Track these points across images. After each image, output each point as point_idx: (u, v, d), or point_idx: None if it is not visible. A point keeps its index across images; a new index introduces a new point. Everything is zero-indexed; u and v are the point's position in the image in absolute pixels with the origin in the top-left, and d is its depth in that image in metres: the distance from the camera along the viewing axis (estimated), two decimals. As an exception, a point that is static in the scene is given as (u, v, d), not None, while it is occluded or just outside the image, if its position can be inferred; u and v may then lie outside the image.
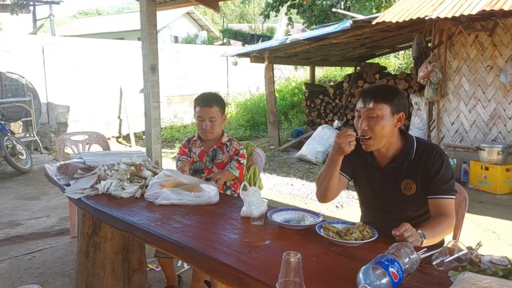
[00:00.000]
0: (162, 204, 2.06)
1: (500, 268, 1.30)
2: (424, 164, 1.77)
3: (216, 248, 1.54)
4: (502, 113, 5.52)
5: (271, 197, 5.07)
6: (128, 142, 9.53)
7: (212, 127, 2.56)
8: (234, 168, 2.58)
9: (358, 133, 1.80)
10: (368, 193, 1.96)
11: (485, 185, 5.27)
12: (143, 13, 4.20)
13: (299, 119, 10.15)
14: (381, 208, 1.91)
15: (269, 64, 8.18)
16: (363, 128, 1.76)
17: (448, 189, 1.75)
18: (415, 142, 1.82)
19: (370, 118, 1.75)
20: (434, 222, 1.69)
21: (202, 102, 2.57)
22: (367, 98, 1.75)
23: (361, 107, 1.77)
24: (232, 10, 33.95)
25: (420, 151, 1.80)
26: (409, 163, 1.80)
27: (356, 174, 1.99)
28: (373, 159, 1.89)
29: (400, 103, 1.76)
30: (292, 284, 1.14)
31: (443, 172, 1.75)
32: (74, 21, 30.46)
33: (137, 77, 7.96)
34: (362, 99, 1.78)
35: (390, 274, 1.17)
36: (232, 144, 2.68)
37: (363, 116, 1.77)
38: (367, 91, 1.79)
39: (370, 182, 1.91)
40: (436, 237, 1.63)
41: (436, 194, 1.75)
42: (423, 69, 5.77)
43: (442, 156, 1.77)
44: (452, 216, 1.74)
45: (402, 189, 1.82)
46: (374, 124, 1.74)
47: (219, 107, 2.59)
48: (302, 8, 13.16)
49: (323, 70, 14.02)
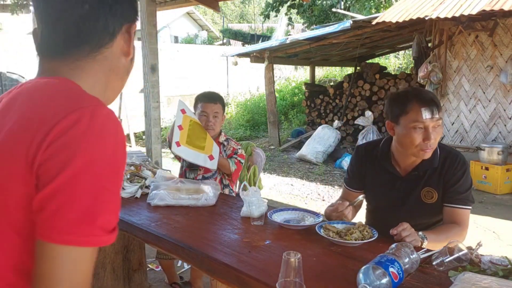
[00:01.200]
0: (159, 205, 2.05)
1: (500, 268, 1.30)
2: (446, 172, 1.70)
3: (216, 248, 1.54)
4: (502, 113, 5.51)
5: (271, 197, 5.07)
6: (128, 142, 9.53)
7: (215, 123, 2.59)
8: (232, 162, 2.58)
9: (415, 147, 1.64)
10: (381, 199, 1.87)
11: (485, 185, 5.27)
12: (143, 13, 4.20)
13: (299, 119, 10.15)
14: (394, 215, 1.75)
15: (269, 64, 8.18)
16: (432, 141, 1.61)
17: (465, 199, 1.70)
18: (438, 148, 1.73)
19: (434, 129, 1.62)
20: (442, 228, 1.66)
21: (206, 98, 2.61)
22: (434, 107, 1.59)
23: (429, 118, 1.59)
24: (232, 10, 33.95)
25: (443, 158, 1.72)
26: (431, 170, 1.73)
27: (368, 181, 1.89)
28: (392, 167, 1.79)
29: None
30: (292, 284, 1.14)
31: (463, 182, 1.69)
32: (74, 21, 30.42)
33: (137, 77, 7.95)
34: (427, 109, 1.59)
35: (390, 274, 1.17)
36: (230, 143, 2.68)
37: (432, 127, 1.61)
38: (428, 101, 1.60)
39: (386, 189, 1.82)
40: (440, 242, 1.56)
41: (452, 203, 1.70)
42: (423, 69, 5.77)
43: (464, 164, 1.71)
44: (465, 226, 1.68)
45: (422, 197, 1.74)
46: (437, 134, 1.62)
47: (222, 105, 2.64)
48: (302, 8, 13.15)
49: (323, 70, 14.02)
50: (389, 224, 1.60)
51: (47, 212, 0.64)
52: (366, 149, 1.91)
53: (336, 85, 8.62)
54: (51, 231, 0.64)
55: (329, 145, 7.14)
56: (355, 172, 1.92)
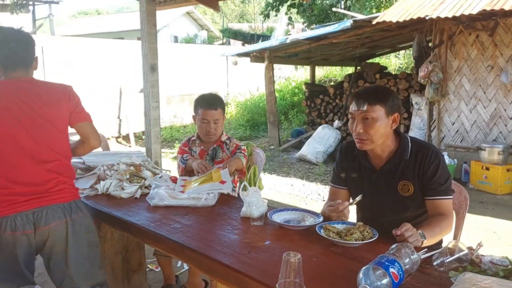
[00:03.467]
0: (159, 206, 2.05)
1: (501, 269, 1.30)
2: (420, 165, 1.76)
3: (215, 249, 1.54)
4: (502, 113, 5.51)
5: (271, 197, 5.07)
6: (127, 142, 9.52)
7: (216, 129, 2.55)
8: (241, 156, 2.56)
9: (353, 136, 1.79)
10: (364, 197, 1.90)
11: (485, 185, 5.26)
12: (142, 12, 4.19)
13: (299, 119, 10.14)
14: (379, 211, 1.87)
15: (269, 64, 8.17)
16: (358, 131, 1.73)
17: (446, 190, 1.75)
18: (410, 142, 1.81)
19: (365, 120, 1.72)
20: (433, 222, 1.69)
21: (206, 105, 2.52)
22: (361, 100, 1.72)
23: (355, 110, 1.74)
24: (232, 10, 33.94)
25: (415, 151, 1.78)
26: (404, 163, 1.78)
27: (350, 179, 1.96)
28: (367, 161, 1.87)
29: (394, 104, 1.74)
30: (292, 285, 1.14)
31: (440, 173, 1.74)
32: (74, 21, 30.48)
33: (137, 77, 7.94)
34: (355, 101, 1.75)
35: (390, 275, 1.17)
36: (232, 141, 2.67)
37: (358, 119, 1.74)
38: (360, 93, 1.77)
39: (365, 185, 1.88)
40: (436, 236, 1.63)
41: (434, 196, 1.75)
42: (423, 69, 5.76)
43: (437, 156, 1.76)
44: (451, 215, 1.74)
45: (399, 190, 1.80)
46: (369, 126, 1.71)
47: (222, 109, 2.58)
48: (302, 7, 13.15)
49: (323, 70, 14.02)
50: (376, 221, 1.72)
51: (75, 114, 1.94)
52: (347, 147, 1.99)
53: (336, 85, 8.61)
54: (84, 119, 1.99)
55: (329, 145, 7.13)
56: (340, 170, 1.99)
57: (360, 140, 1.76)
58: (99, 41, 9.92)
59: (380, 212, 1.87)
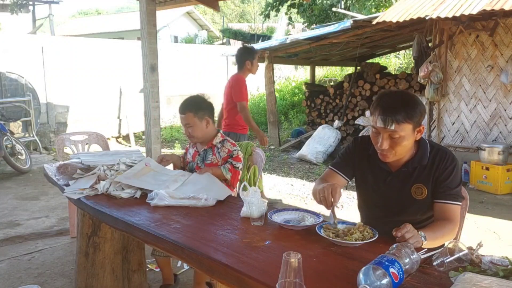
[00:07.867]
0: (159, 206, 2.05)
1: (501, 269, 1.29)
2: (437, 168, 1.73)
3: (216, 249, 1.53)
4: (502, 113, 5.51)
5: (271, 197, 5.07)
6: (127, 142, 9.52)
7: (192, 133, 2.59)
8: (226, 169, 2.54)
9: (376, 149, 1.72)
10: (372, 195, 1.90)
11: (485, 185, 5.26)
12: (142, 12, 4.19)
13: (299, 119, 10.14)
14: (386, 211, 1.84)
15: (269, 64, 8.17)
16: (383, 148, 1.66)
17: (456, 195, 1.72)
18: (428, 145, 1.78)
19: (391, 138, 1.65)
20: (436, 226, 1.67)
21: (179, 109, 2.63)
22: (388, 119, 1.61)
23: (381, 127, 1.64)
24: (232, 10, 33.94)
25: (433, 155, 1.76)
26: (421, 167, 1.76)
27: (359, 176, 1.93)
28: (383, 163, 1.81)
29: (421, 117, 1.66)
30: (292, 285, 1.13)
31: (453, 178, 1.72)
32: (74, 20, 30.46)
33: (137, 77, 7.95)
34: (382, 118, 1.62)
35: (390, 275, 1.17)
36: (225, 145, 2.62)
37: (384, 136, 1.65)
38: (387, 110, 1.62)
39: (377, 185, 1.85)
40: (437, 240, 1.61)
41: (442, 199, 1.72)
42: (423, 69, 5.76)
43: (454, 161, 1.74)
44: (456, 222, 1.71)
45: (412, 193, 1.77)
46: (396, 143, 1.65)
47: (193, 113, 2.56)
48: (302, 7, 13.16)
49: (323, 70, 14.02)
50: (381, 221, 1.66)
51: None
52: (362, 142, 1.93)
53: (336, 85, 8.61)
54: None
55: (329, 145, 7.13)
56: (349, 159, 1.93)
57: (383, 155, 1.71)
58: (99, 41, 9.92)
59: (387, 212, 1.84)
